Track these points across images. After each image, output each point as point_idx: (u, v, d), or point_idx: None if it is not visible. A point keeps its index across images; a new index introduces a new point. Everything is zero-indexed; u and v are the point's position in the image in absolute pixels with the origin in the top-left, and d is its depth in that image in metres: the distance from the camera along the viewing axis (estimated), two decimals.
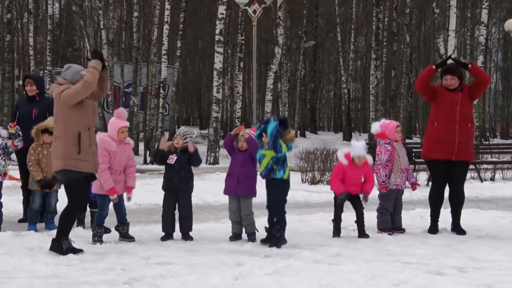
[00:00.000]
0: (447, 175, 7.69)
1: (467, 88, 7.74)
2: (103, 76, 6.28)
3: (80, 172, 6.09)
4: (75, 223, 7.48)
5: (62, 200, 7.19)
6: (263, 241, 6.72)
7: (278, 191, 6.81)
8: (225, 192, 7.15)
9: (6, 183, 7.90)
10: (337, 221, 7.39)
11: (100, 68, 6.15)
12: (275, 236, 6.63)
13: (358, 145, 7.42)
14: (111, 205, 6.99)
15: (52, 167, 6.31)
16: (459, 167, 7.69)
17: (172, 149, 7.14)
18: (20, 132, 7.77)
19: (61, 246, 6.06)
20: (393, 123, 7.82)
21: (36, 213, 7.67)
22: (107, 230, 6.98)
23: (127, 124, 7.01)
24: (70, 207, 6.21)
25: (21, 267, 5.52)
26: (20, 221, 8.25)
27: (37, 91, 8.41)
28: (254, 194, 7.04)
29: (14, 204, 9.26)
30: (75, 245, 6.19)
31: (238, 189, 6.98)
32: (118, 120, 6.92)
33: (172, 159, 7.06)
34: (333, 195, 7.56)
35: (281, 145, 6.71)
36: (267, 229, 6.77)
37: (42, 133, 7.63)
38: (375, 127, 7.84)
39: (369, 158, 7.49)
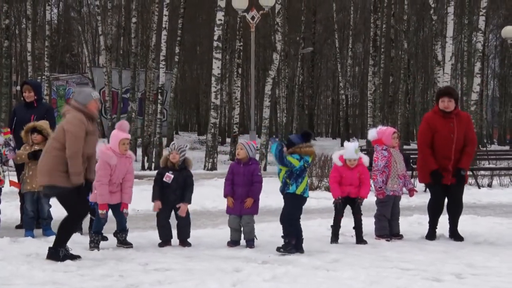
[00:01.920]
0: (445, 190, 7.73)
1: (465, 125, 7.69)
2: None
3: (66, 187, 6.09)
4: None
5: (56, 207, 7.17)
6: (278, 249, 6.69)
7: (288, 205, 6.77)
8: (228, 212, 7.14)
9: (3, 188, 7.89)
10: (336, 227, 7.39)
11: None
12: (285, 241, 6.64)
13: (349, 147, 7.44)
14: (110, 212, 6.97)
15: (38, 180, 6.34)
16: (456, 186, 7.74)
17: (169, 165, 7.09)
18: (10, 142, 7.79)
19: (57, 253, 6.05)
20: (390, 129, 7.83)
21: (31, 219, 7.67)
22: (104, 238, 6.97)
23: (128, 136, 6.96)
24: (69, 217, 6.22)
25: (18, 273, 5.50)
26: (17, 227, 8.24)
27: (35, 97, 8.41)
28: (256, 212, 7.10)
29: (11, 210, 9.24)
30: (72, 251, 6.17)
31: (242, 209, 7.01)
32: (119, 132, 6.90)
33: (169, 177, 6.98)
34: (331, 201, 7.57)
35: (289, 160, 6.64)
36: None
37: (31, 133, 7.70)
38: (372, 134, 7.85)
39: (364, 158, 7.50)
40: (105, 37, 30.86)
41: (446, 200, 7.82)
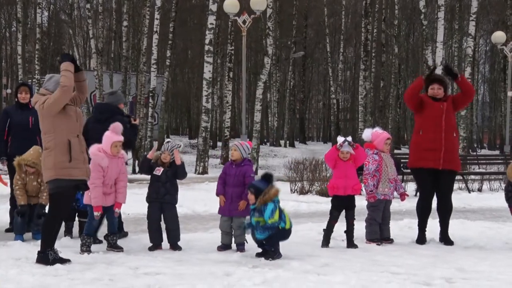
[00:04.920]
0: (434, 184, 7.72)
1: (450, 99, 7.80)
2: (80, 79, 6.25)
3: (72, 180, 6.06)
4: (63, 232, 7.46)
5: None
6: (258, 255, 6.66)
7: (277, 237, 6.63)
8: (219, 212, 7.17)
9: None
10: (328, 231, 7.39)
11: (73, 69, 6.11)
12: (270, 249, 6.60)
13: (341, 139, 7.42)
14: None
15: (43, 177, 6.29)
16: (446, 177, 7.72)
17: (159, 163, 7.12)
18: None
19: (47, 257, 6.01)
20: (385, 134, 7.85)
21: (22, 223, 7.61)
22: (96, 240, 6.95)
23: (121, 138, 6.94)
24: (52, 216, 6.17)
25: (7, 277, 5.46)
26: (7, 230, 8.18)
27: (31, 99, 8.38)
28: (248, 213, 7.00)
29: (1, 213, 9.18)
30: (62, 255, 6.14)
31: (231, 209, 7.00)
32: (112, 135, 6.90)
33: (159, 170, 7.05)
34: (322, 205, 7.57)
35: (273, 221, 6.56)
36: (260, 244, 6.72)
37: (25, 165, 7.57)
38: (367, 133, 7.87)
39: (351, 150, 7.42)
40: (96, 40, 30.78)
41: (436, 207, 7.85)
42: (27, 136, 7.86)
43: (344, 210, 7.44)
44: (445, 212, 7.75)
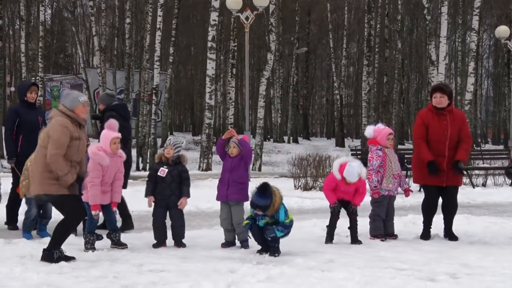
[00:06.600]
0: (439, 190, 7.76)
1: (459, 121, 7.70)
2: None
3: (59, 194, 6.05)
4: None
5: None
6: (259, 252, 6.65)
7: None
8: (217, 198, 7.16)
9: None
10: (331, 228, 7.38)
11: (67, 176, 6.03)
12: (274, 245, 6.59)
13: (351, 170, 7.26)
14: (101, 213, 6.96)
15: (31, 189, 6.29)
16: (451, 187, 7.76)
17: (163, 160, 7.08)
18: None
19: (52, 254, 6.02)
20: (387, 130, 7.83)
21: (32, 222, 7.61)
22: (99, 237, 6.95)
23: (119, 135, 6.90)
24: (66, 220, 6.17)
25: (12, 275, 5.48)
26: (9, 228, 8.18)
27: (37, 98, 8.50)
28: (245, 198, 7.01)
29: (4, 210, 9.18)
30: (67, 253, 6.15)
31: (229, 194, 6.98)
32: (109, 132, 6.86)
33: (163, 171, 6.99)
34: (326, 201, 7.58)
35: (289, 222, 6.63)
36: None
37: None
38: (369, 131, 7.87)
39: (363, 174, 7.37)
40: (99, 37, 30.82)
41: (440, 200, 7.85)
42: (36, 135, 7.86)
43: (343, 207, 7.42)
44: (449, 212, 7.78)
